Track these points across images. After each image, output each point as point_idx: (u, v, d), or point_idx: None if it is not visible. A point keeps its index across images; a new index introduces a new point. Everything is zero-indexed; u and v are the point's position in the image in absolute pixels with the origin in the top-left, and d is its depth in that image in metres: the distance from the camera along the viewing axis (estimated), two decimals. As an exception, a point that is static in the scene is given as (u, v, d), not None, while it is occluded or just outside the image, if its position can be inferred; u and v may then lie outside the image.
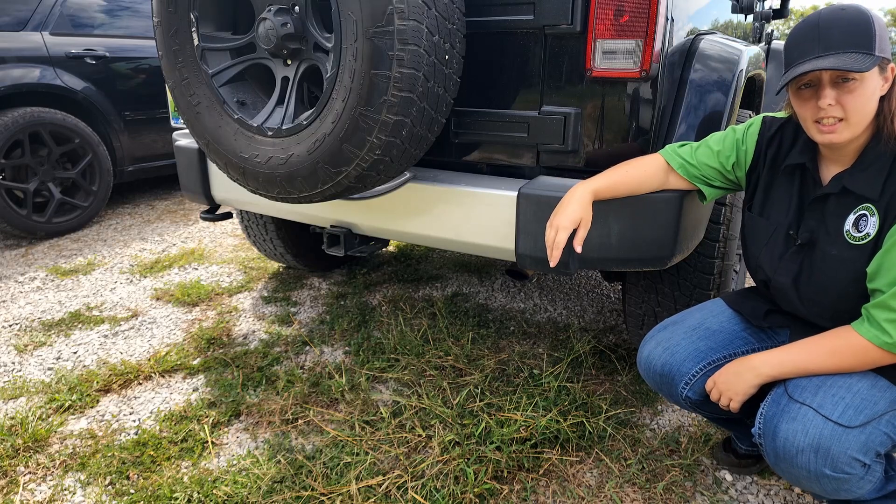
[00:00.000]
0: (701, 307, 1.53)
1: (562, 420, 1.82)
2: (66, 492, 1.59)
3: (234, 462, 1.70)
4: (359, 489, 1.57)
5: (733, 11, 2.38)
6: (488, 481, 1.60)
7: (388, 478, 1.61)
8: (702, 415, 1.51)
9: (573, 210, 1.37)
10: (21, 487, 1.61)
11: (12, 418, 1.88)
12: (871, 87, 1.12)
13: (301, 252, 2.86)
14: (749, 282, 2.95)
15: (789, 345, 1.26)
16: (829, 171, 1.26)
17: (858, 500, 1.22)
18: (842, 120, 1.13)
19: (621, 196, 1.45)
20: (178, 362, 2.22)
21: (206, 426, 1.85)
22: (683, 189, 1.47)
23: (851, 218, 1.20)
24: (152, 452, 1.72)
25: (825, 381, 1.18)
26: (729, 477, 1.64)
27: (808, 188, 1.29)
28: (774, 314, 1.42)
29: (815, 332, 1.25)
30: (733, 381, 1.29)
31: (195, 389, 2.06)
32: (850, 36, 1.10)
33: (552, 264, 1.35)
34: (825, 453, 1.11)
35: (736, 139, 1.41)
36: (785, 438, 1.15)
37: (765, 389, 1.29)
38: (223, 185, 2.20)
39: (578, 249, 1.37)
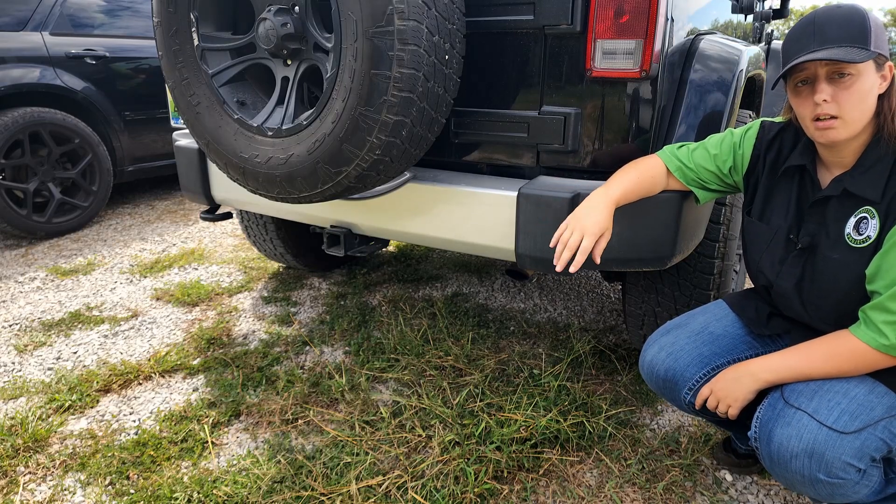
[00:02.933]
0: (704, 310, 1.52)
1: (562, 420, 1.82)
2: (66, 492, 1.59)
3: (234, 462, 1.70)
4: (359, 489, 1.57)
5: (733, 11, 2.38)
6: (488, 481, 1.60)
7: (388, 478, 1.61)
8: (705, 419, 1.50)
9: (601, 219, 1.33)
10: (21, 487, 1.61)
11: (12, 418, 1.88)
12: (868, 83, 1.12)
13: (301, 252, 2.86)
14: (749, 282, 2.95)
15: (787, 349, 1.26)
16: (828, 175, 1.25)
17: (857, 502, 1.22)
18: (839, 117, 1.13)
19: (632, 201, 1.44)
20: (178, 362, 2.22)
21: (206, 426, 1.85)
22: (682, 190, 1.47)
23: (852, 221, 1.19)
24: (152, 452, 1.72)
25: (822, 386, 1.18)
26: (729, 477, 1.64)
27: (807, 191, 1.29)
28: (776, 318, 1.42)
29: (816, 336, 1.25)
30: (731, 388, 1.28)
31: (195, 389, 2.06)
32: (845, 31, 1.10)
33: (572, 269, 1.30)
34: (819, 458, 1.11)
35: (733, 143, 1.41)
36: (779, 443, 1.15)
37: (762, 392, 1.29)
38: (223, 185, 2.20)
39: (598, 261, 1.35)
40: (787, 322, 1.40)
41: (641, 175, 1.42)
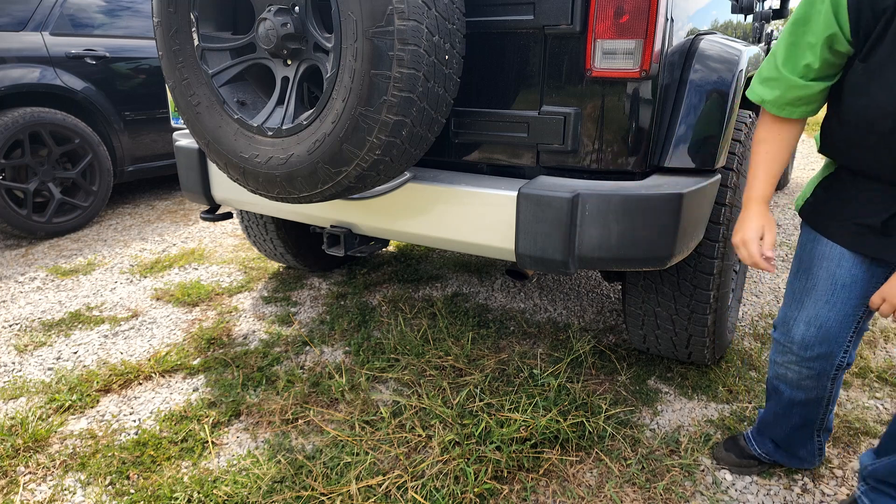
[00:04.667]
0: (818, 259, 1.39)
1: (562, 420, 1.82)
2: (66, 492, 1.59)
3: (234, 462, 1.70)
4: (359, 489, 1.57)
5: (733, 11, 2.38)
6: (488, 481, 1.60)
7: (388, 478, 1.61)
8: (824, 391, 1.44)
9: (752, 224, 1.35)
10: (21, 487, 1.61)
11: (12, 418, 1.88)
12: None
13: (301, 252, 2.86)
14: (753, 273, 2.95)
15: None
16: None
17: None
18: None
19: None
20: (178, 362, 2.22)
21: (206, 426, 1.85)
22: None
23: None
24: (152, 452, 1.72)
25: None
26: (729, 477, 1.64)
27: None
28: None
29: None
30: None
31: (195, 389, 2.06)
32: None
33: (771, 270, 1.35)
34: None
35: (825, 9, 1.15)
36: None
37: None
38: (223, 185, 2.20)
39: (771, 255, 1.35)
40: None
41: (773, 147, 1.34)
